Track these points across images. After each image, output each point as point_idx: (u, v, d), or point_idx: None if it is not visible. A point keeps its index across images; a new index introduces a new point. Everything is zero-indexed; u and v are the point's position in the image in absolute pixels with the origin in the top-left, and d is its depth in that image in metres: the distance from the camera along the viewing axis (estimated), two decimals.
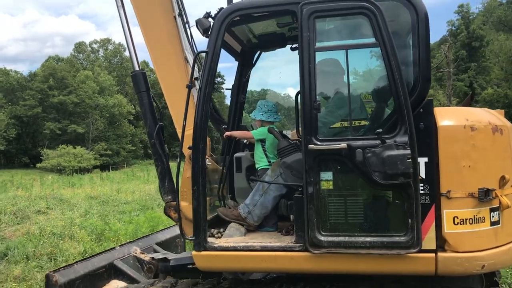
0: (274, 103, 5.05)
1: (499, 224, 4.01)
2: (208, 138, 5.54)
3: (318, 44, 3.98)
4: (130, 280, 5.46)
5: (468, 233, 3.89)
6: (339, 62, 4.49)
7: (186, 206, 4.78)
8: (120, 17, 5.57)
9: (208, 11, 4.40)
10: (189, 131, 5.21)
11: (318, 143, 3.92)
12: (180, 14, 5.30)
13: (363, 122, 4.15)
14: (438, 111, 4.03)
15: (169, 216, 5.12)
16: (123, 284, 5.41)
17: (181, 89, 5.07)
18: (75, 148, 57.64)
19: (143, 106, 5.28)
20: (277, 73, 6.78)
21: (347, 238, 3.91)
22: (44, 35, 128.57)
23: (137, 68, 5.37)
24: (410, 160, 3.73)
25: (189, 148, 4.40)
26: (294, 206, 4.16)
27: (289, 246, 4.11)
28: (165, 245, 6.67)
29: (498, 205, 3.97)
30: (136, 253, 5.96)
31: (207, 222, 4.31)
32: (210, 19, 4.36)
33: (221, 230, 4.60)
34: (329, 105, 4.37)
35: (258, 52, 5.62)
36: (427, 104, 3.94)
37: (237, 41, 5.30)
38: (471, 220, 3.89)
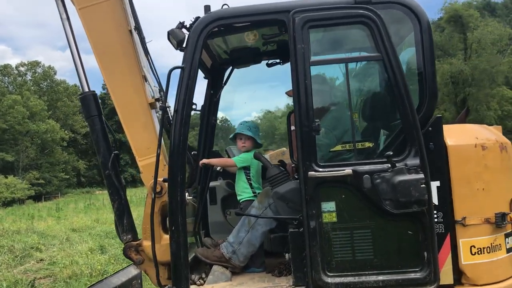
0: (257, 124, 4.52)
1: None
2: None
3: (313, 58, 3.50)
4: None
5: (486, 263, 3.52)
6: (325, 78, 4.04)
7: (149, 246, 4.09)
8: (65, 31, 4.81)
9: (181, 21, 3.80)
10: (152, 159, 4.54)
11: (320, 169, 3.41)
12: (136, 28, 4.65)
13: (367, 144, 3.69)
14: (447, 129, 3.68)
15: (129, 258, 4.38)
16: None
17: (138, 112, 4.43)
18: (6, 177, 53.43)
19: (94, 133, 4.54)
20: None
21: (356, 278, 3.41)
22: None
23: (86, 89, 4.64)
24: (424, 185, 3.32)
25: (164, 180, 3.74)
26: (290, 242, 3.61)
27: None
28: None
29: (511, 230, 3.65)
30: None
31: (189, 268, 3.64)
32: (184, 30, 3.76)
33: (203, 275, 3.95)
34: (323, 126, 3.88)
35: (230, 68, 5.05)
36: (436, 122, 3.56)
37: (208, 55, 4.72)
38: (488, 248, 3.53)
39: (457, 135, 3.66)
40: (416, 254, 3.40)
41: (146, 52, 4.68)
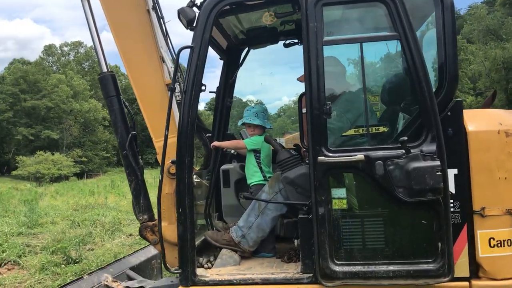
0: (266, 108, 4.39)
1: None
2: None
3: (326, 38, 3.34)
4: None
5: (507, 257, 3.32)
6: (338, 60, 3.88)
7: (166, 226, 4.07)
8: (84, 11, 4.78)
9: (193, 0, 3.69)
10: (171, 139, 4.53)
11: (330, 154, 3.28)
12: (154, 8, 4.57)
13: (382, 129, 3.52)
14: (468, 114, 3.47)
15: (145, 238, 4.38)
16: None
17: (156, 92, 4.37)
18: (53, 154, 55.11)
19: (113, 113, 4.52)
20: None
21: (366, 268, 3.28)
22: None
23: (105, 70, 4.62)
24: (440, 172, 3.14)
25: (172, 162, 3.68)
26: (300, 229, 3.51)
27: (296, 278, 3.44)
28: (139, 269, 5.86)
29: None
30: (107, 281, 5.16)
31: (195, 251, 3.59)
32: (195, 9, 3.66)
33: (211, 258, 3.90)
34: (336, 109, 3.73)
35: (246, 49, 4.92)
36: (456, 106, 3.35)
37: (223, 36, 4.60)
38: (509, 241, 3.32)
39: (479, 121, 3.45)
40: (429, 244, 3.24)
41: (165, 33, 4.61)
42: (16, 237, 10.57)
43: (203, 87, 3.67)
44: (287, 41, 4.68)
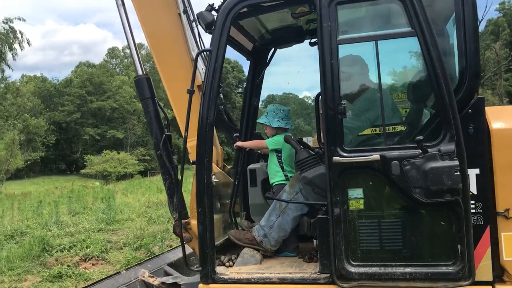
0: (288, 108, 4.40)
1: None
2: (220, 148, 4.94)
3: (340, 36, 3.31)
4: None
5: None
6: (363, 58, 3.82)
7: (195, 224, 4.20)
8: (120, 16, 4.98)
9: (211, 3, 3.77)
10: (192, 142, 4.64)
11: (345, 154, 3.26)
12: (185, 11, 4.71)
13: (399, 128, 3.45)
14: (489, 112, 3.33)
15: (178, 235, 4.51)
16: None
17: (187, 94, 4.51)
18: (118, 153, 57.51)
19: (148, 114, 4.70)
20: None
21: (382, 269, 3.23)
22: (62, 43, 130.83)
23: (140, 73, 4.80)
24: (458, 173, 3.04)
25: (192, 163, 3.79)
26: (318, 229, 3.51)
27: (313, 278, 3.44)
28: (177, 265, 6.04)
29: None
30: (144, 276, 5.38)
31: (215, 249, 3.68)
32: (213, 12, 3.73)
33: (233, 257, 3.96)
34: (355, 108, 3.69)
35: (273, 49, 4.95)
36: (478, 104, 3.23)
37: (247, 38, 4.66)
38: None
39: (504, 118, 3.31)
40: (449, 246, 3.14)
41: (198, 35, 4.75)
42: (96, 233, 11.03)
43: (220, 89, 3.74)
44: (313, 40, 4.65)
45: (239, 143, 4.41)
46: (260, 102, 5.27)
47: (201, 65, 4.72)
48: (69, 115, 67.10)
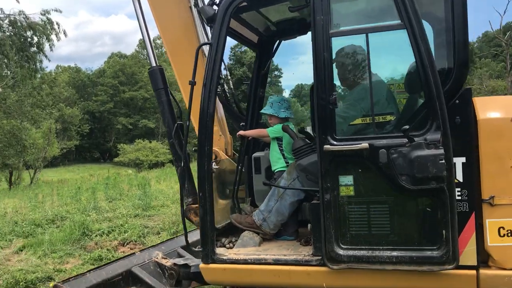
0: (288, 98, 4.56)
1: None
2: (229, 136, 5.15)
3: (333, 29, 3.45)
4: None
5: None
6: (363, 48, 3.94)
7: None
8: (135, 9, 5.24)
9: None
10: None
11: (335, 143, 3.41)
12: (196, 5, 4.92)
13: (389, 117, 3.57)
14: (479, 102, 3.41)
15: (189, 219, 4.76)
16: None
17: (198, 86, 4.74)
18: (150, 142, 58.64)
19: (161, 104, 4.95)
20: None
21: (370, 253, 3.38)
22: (94, 34, 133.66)
23: (154, 64, 5.05)
24: (443, 161, 3.15)
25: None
26: (311, 214, 3.69)
27: (305, 260, 3.63)
28: (190, 248, 6.29)
29: None
30: (157, 258, 5.64)
31: (215, 231, 3.90)
32: (215, 7, 3.92)
33: (233, 239, 4.18)
34: (351, 97, 3.82)
35: (278, 41, 5.11)
36: (465, 94, 3.32)
37: (252, 31, 4.82)
38: None
39: (492, 108, 3.38)
40: (434, 231, 3.26)
41: (207, 28, 4.95)
42: (133, 218, 11.39)
43: (221, 81, 3.93)
44: None
45: (241, 132, 4.61)
46: (289, 92, 5.45)
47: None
48: (102, 105, 68.64)
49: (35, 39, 25.69)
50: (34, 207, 13.85)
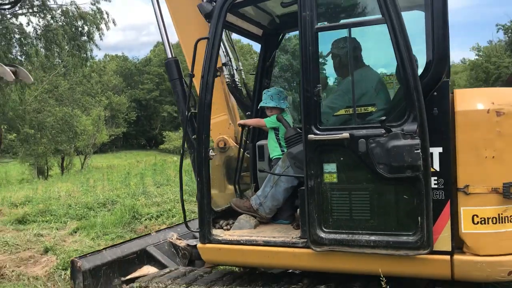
0: (282, 90, 4.77)
1: None
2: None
3: (318, 24, 3.63)
4: (161, 266, 5.50)
5: (491, 234, 3.38)
6: (356, 40, 4.10)
7: (217, 194, 4.77)
8: (153, 4, 5.60)
9: None
10: (218, 118, 5.16)
11: (318, 132, 3.61)
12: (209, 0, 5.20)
13: (370, 109, 3.74)
14: (460, 94, 3.52)
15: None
16: (155, 270, 5.46)
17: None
18: None
19: (176, 94, 5.28)
20: None
21: (350, 236, 3.58)
22: (140, 24, 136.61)
23: (170, 56, 5.39)
24: (418, 150, 3.31)
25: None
26: (299, 199, 3.91)
27: (292, 242, 3.87)
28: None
29: None
30: (172, 239, 6.01)
31: (212, 214, 4.20)
32: (213, 3, 4.17)
33: (230, 221, 4.47)
34: (339, 88, 3.99)
35: (282, 33, 5.32)
36: (442, 87, 3.44)
37: (256, 25, 5.05)
38: (494, 219, 3.37)
39: (470, 100, 3.48)
40: (410, 218, 3.42)
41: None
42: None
43: (218, 73, 4.19)
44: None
45: (241, 121, 4.88)
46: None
47: (222, 48, 5.24)
48: (148, 93, 70.48)
49: (86, 28, 26.67)
50: (86, 191, 14.46)
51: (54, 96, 29.85)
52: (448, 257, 3.43)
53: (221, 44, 5.43)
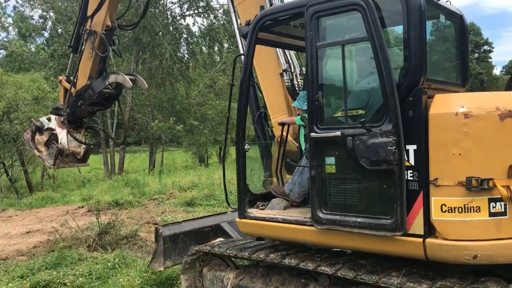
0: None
1: (506, 215, 3.83)
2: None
3: (319, 42, 4.41)
4: None
5: (457, 222, 3.85)
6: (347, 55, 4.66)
7: (275, 181, 5.82)
8: (232, 17, 6.83)
9: (249, 20, 5.18)
10: (280, 117, 6.18)
11: (318, 131, 4.40)
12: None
13: (360, 111, 4.39)
14: (438, 99, 4.02)
15: (265, 188, 6.19)
16: None
17: (272, 79, 6.17)
18: None
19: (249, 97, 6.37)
20: None
21: (341, 217, 4.31)
22: None
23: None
24: (392, 147, 3.92)
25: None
26: (311, 186, 4.72)
27: (302, 221, 4.71)
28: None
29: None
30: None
31: (247, 195, 5.22)
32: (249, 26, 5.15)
33: (266, 203, 5.42)
34: (337, 94, 4.67)
35: None
36: (417, 92, 3.99)
37: (299, 40, 5.85)
38: (460, 209, 3.84)
39: (443, 104, 3.96)
40: (387, 204, 4.03)
41: None
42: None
43: (251, 83, 5.17)
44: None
45: (279, 120, 5.78)
46: (500, 68, 6.17)
47: (282, 56, 6.25)
48: None
49: None
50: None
51: (214, 91, 32.49)
52: (421, 239, 3.97)
53: (281, 53, 6.43)
